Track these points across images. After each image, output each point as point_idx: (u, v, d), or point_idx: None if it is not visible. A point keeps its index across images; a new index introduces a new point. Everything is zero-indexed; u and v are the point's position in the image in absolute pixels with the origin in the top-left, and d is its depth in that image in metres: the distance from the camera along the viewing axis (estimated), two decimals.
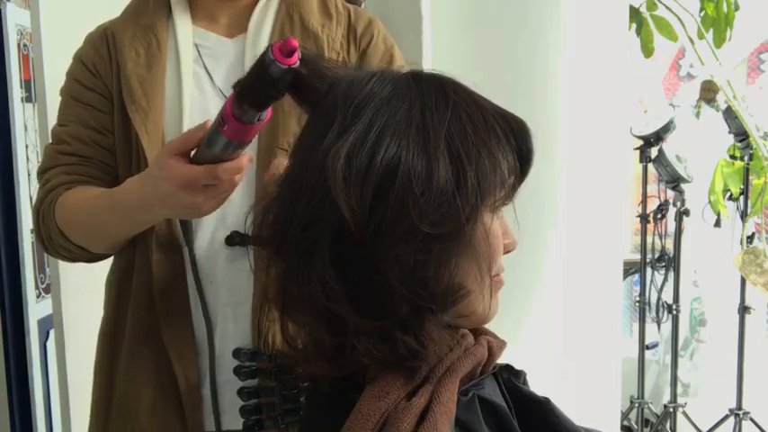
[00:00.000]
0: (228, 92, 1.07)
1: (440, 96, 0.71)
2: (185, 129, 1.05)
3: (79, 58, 1.13)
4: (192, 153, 0.90)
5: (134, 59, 1.07)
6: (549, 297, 1.50)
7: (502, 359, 0.81)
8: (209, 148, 0.87)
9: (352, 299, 0.69)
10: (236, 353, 1.05)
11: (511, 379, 0.82)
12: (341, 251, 0.69)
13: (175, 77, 1.08)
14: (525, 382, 0.84)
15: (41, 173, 1.11)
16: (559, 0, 1.46)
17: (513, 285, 0.83)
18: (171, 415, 1.06)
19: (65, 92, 1.13)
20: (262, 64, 0.76)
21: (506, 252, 0.78)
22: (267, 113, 0.85)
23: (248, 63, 1.07)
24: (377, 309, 0.69)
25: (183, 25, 1.10)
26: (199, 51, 1.10)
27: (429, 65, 1.46)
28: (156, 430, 1.06)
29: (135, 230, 1.05)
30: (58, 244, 1.08)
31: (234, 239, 1.05)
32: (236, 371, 1.04)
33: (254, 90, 0.79)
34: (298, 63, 0.75)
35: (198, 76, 1.09)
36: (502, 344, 0.81)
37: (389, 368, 0.71)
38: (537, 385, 0.85)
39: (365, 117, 0.69)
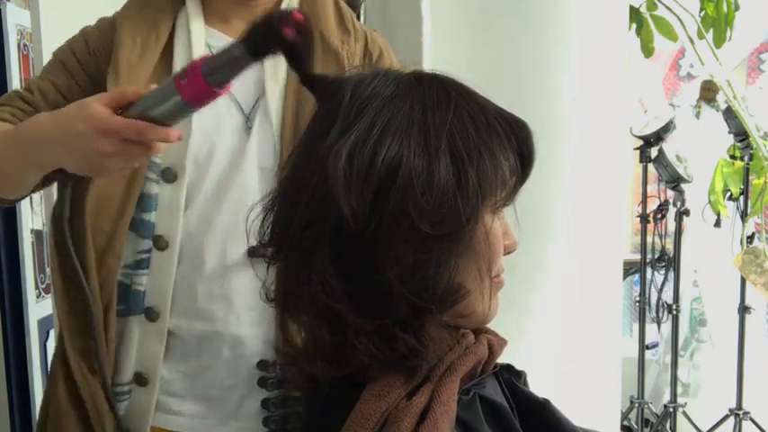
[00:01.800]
0: (239, 96, 1.07)
1: (442, 96, 0.71)
2: (194, 127, 1.04)
3: (82, 32, 1.13)
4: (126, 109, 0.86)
5: (129, 46, 1.06)
6: (549, 297, 1.50)
7: (502, 359, 0.81)
8: (152, 101, 0.83)
9: (352, 298, 0.69)
10: (262, 364, 1.04)
11: (511, 379, 0.82)
12: (341, 250, 0.69)
13: None
14: (525, 383, 0.84)
15: None
16: (559, 0, 1.46)
17: (513, 286, 0.83)
18: None
19: (56, 53, 1.13)
20: (270, 23, 0.74)
21: (507, 253, 0.78)
22: (228, 86, 0.82)
23: (267, 73, 1.07)
24: (377, 308, 0.69)
25: (196, 25, 1.10)
26: (212, 52, 1.10)
27: (429, 65, 1.46)
28: None
29: (31, 172, 0.98)
30: None
31: (259, 251, 1.04)
32: (262, 382, 1.03)
33: (260, 42, 0.76)
34: (295, 37, 0.73)
35: None
36: (502, 342, 0.81)
37: (390, 367, 0.71)
38: (537, 385, 0.85)
39: (367, 116, 0.69)
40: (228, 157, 1.06)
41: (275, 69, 1.08)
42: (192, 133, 1.04)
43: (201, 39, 1.09)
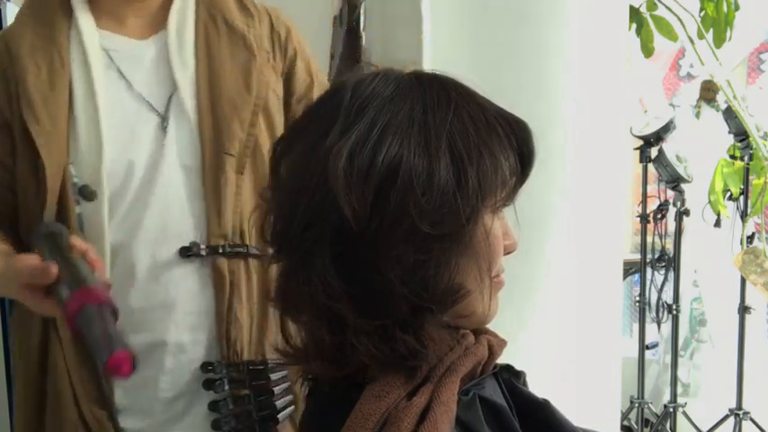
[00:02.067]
0: (150, 96, 1.03)
1: (442, 96, 0.71)
2: (105, 142, 1.00)
3: None
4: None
5: (35, 74, 0.99)
6: (548, 297, 1.50)
7: (502, 359, 0.81)
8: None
9: (353, 298, 0.69)
10: (206, 366, 1.02)
11: (511, 380, 0.82)
12: (341, 251, 0.69)
13: (86, 87, 1.01)
14: (525, 383, 0.84)
15: None
16: (559, 1, 1.46)
17: (513, 286, 0.83)
18: None
19: None
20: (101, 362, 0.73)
21: (507, 253, 0.78)
22: None
23: (175, 65, 1.03)
24: (377, 308, 0.69)
25: (88, 29, 1.03)
26: (110, 56, 1.04)
27: (429, 65, 1.46)
28: None
29: None
30: None
31: (191, 250, 1.01)
32: (208, 384, 1.01)
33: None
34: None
35: (113, 82, 1.03)
36: (502, 343, 0.81)
37: (390, 368, 0.71)
38: (537, 385, 0.85)
39: (367, 116, 0.69)
40: (148, 162, 1.02)
41: (183, 61, 1.05)
42: (104, 147, 1.00)
43: (95, 44, 1.03)
